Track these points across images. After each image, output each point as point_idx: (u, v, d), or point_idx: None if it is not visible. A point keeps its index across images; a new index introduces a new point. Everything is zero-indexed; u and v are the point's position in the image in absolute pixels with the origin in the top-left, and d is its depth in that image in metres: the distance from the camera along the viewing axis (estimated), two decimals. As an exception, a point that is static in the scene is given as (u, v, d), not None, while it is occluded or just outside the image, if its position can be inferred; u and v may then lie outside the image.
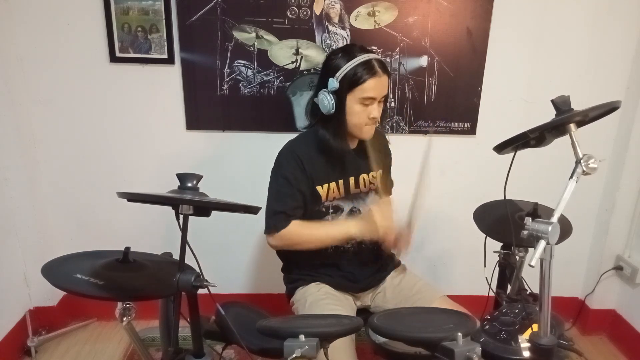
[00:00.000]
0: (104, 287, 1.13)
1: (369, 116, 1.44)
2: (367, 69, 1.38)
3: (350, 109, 1.43)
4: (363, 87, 1.39)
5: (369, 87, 1.39)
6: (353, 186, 1.57)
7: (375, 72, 1.39)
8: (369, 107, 1.43)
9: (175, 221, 1.12)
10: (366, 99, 1.41)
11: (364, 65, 1.39)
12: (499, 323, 1.16)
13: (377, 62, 1.41)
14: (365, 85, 1.39)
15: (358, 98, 1.41)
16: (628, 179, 2.14)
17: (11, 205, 2.04)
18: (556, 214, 0.97)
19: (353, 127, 1.47)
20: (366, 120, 1.45)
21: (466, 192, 2.18)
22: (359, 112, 1.43)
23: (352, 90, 1.40)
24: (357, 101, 1.42)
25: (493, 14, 1.98)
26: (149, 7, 1.92)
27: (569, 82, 2.07)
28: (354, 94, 1.41)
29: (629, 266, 2.18)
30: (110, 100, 2.05)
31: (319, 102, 1.45)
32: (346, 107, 1.43)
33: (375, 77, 1.39)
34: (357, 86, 1.39)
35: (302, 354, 0.98)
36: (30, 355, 2.07)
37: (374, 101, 1.43)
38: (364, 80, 1.38)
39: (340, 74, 1.39)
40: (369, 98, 1.41)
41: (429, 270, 2.35)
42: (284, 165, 1.49)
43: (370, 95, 1.41)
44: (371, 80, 1.39)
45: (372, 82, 1.39)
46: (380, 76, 1.40)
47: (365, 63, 1.39)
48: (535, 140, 1.13)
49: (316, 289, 1.56)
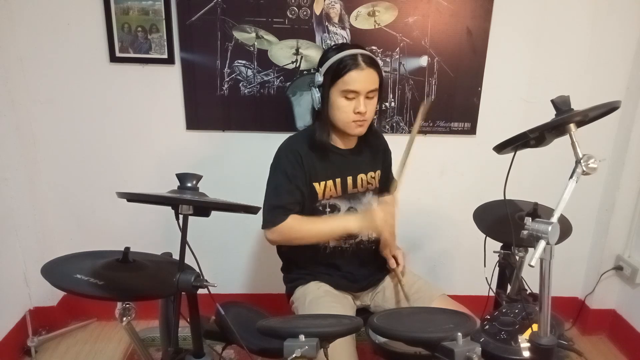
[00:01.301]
0: (104, 287, 1.13)
1: (355, 111, 1.41)
2: (350, 61, 1.37)
3: (334, 102, 1.42)
4: (344, 80, 1.38)
5: (350, 80, 1.37)
6: (350, 186, 1.57)
7: (358, 65, 1.37)
8: (353, 102, 1.40)
9: (175, 221, 1.12)
10: (349, 92, 1.39)
11: (348, 58, 1.37)
12: (499, 323, 1.16)
13: (362, 55, 1.39)
14: (347, 77, 1.37)
15: (340, 91, 1.39)
16: (628, 179, 2.14)
17: (11, 205, 2.04)
18: (556, 214, 0.97)
19: (340, 123, 1.45)
20: (352, 115, 1.42)
21: (466, 192, 2.19)
22: (344, 107, 1.41)
23: (335, 82, 1.39)
24: (340, 94, 1.40)
25: (493, 14, 1.99)
26: (149, 7, 1.92)
27: (569, 82, 2.07)
28: (337, 86, 1.39)
29: (629, 266, 2.18)
30: (110, 101, 2.05)
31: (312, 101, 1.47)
32: (330, 100, 1.42)
33: (358, 70, 1.37)
34: (339, 78, 1.38)
35: (302, 354, 0.98)
36: (30, 355, 2.07)
37: (358, 95, 1.40)
38: (346, 72, 1.37)
39: (324, 68, 1.39)
40: (351, 91, 1.39)
41: (429, 270, 2.35)
42: (283, 160, 1.49)
43: (353, 88, 1.38)
44: (353, 72, 1.37)
45: (354, 74, 1.37)
46: (363, 69, 1.38)
47: (349, 56, 1.38)
48: (535, 140, 1.13)
49: (316, 288, 1.56)
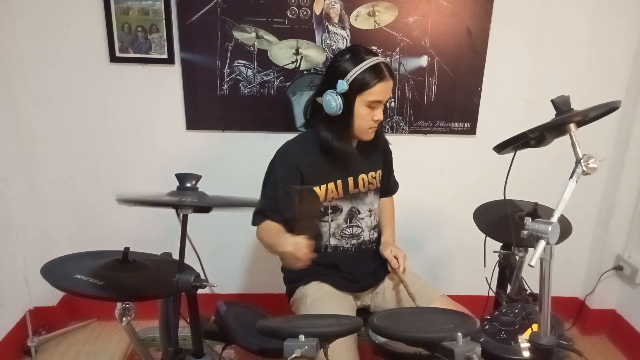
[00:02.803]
0: (104, 287, 1.13)
1: (374, 119, 1.47)
2: (376, 73, 1.41)
3: (357, 111, 1.46)
4: (372, 91, 1.42)
5: (377, 91, 1.42)
6: (352, 186, 1.58)
7: (384, 77, 1.42)
8: (374, 110, 1.46)
9: (175, 221, 1.13)
10: (373, 102, 1.44)
11: (373, 70, 1.41)
12: (499, 323, 1.16)
13: (385, 66, 1.44)
14: (375, 89, 1.42)
15: (366, 101, 1.44)
16: (628, 179, 2.14)
17: (11, 205, 2.04)
18: (556, 214, 0.97)
19: (357, 129, 1.50)
20: (371, 123, 1.48)
21: (466, 192, 2.19)
22: (365, 115, 1.46)
23: (361, 93, 1.43)
24: (365, 104, 1.44)
25: (493, 14, 1.98)
26: (149, 7, 1.92)
27: (569, 82, 2.07)
28: (363, 97, 1.43)
29: (629, 266, 2.18)
30: (110, 100, 2.05)
31: (323, 103, 1.46)
32: (354, 109, 1.45)
33: (384, 82, 1.42)
34: (366, 89, 1.42)
35: (302, 354, 0.98)
36: (30, 355, 2.07)
37: (380, 104, 1.46)
38: (374, 85, 1.41)
39: (350, 77, 1.41)
40: (376, 101, 1.44)
41: (429, 270, 2.35)
42: (276, 166, 1.52)
43: (378, 99, 1.44)
44: (380, 85, 1.42)
45: (380, 86, 1.42)
46: (388, 80, 1.44)
47: (374, 67, 1.42)
48: (535, 140, 1.13)
49: (316, 288, 1.56)
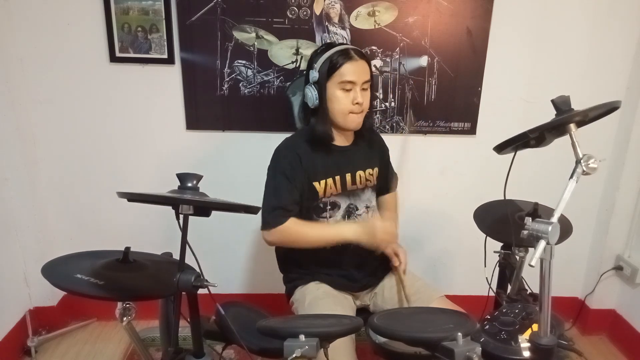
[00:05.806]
0: (104, 287, 1.13)
1: (353, 102, 1.46)
2: (342, 55, 1.44)
3: (332, 95, 1.47)
4: (341, 72, 1.44)
5: (346, 71, 1.44)
6: (349, 182, 1.58)
7: (352, 57, 1.44)
8: (351, 93, 1.46)
9: (175, 221, 1.13)
10: (346, 83, 1.44)
11: (340, 52, 1.44)
12: (499, 323, 1.16)
13: (353, 49, 1.46)
14: (343, 69, 1.43)
15: (337, 83, 1.45)
16: (628, 179, 2.14)
17: (11, 205, 2.04)
18: (556, 214, 0.97)
19: (338, 115, 1.49)
20: (350, 106, 1.47)
21: (466, 192, 2.18)
22: (341, 98, 1.46)
23: (331, 76, 1.45)
24: (337, 86, 1.45)
25: (493, 14, 1.98)
26: (149, 7, 1.92)
27: (569, 82, 2.07)
28: (333, 79, 1.45)
29: (629, 266, 2.18)
30: (110, 100, 2.05)
31: (306, 99, 1.49)
32: (327, 94, 1.47)
33: (352, 61, 1.44)
34: (335, 71, 1.44)
35: (302, 354, 0.98)
36: (30, 355, 2.07)
37: (355, 86, 1.46)
38: (341, 65, 1.43)
39: (318, 64, 1.44)
40: (348, 82, 1.44)
41: (429, 270, 2.35)
42: (281, 161, 1.51)
43: (349, 79, 1.44)
44: (348, 64, 1.43)
45: (348, 66, 1.43)
46: (357, 60, 1.45)
47: (341, 51, 1.45)
48: (535, 140, 1.13)
49: (316, 288, 1.56)
